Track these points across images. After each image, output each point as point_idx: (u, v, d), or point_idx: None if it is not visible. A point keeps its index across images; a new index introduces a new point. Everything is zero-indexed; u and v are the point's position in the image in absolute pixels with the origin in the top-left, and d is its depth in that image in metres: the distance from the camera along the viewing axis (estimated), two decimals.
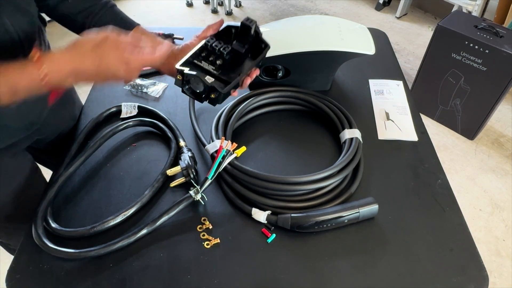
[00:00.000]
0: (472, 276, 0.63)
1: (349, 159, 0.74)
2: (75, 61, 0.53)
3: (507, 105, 2.16)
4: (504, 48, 1.62)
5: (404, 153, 0.83)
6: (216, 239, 0.66)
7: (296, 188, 0.69)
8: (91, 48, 0.53)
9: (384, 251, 0.66)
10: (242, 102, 0.86)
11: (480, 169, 1.84)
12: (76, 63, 0.53)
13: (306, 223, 0.65)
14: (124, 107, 0.88)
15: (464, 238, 0.68)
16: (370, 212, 0.68)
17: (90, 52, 0.53)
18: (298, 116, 0.90)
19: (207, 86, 0.62)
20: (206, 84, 0.62)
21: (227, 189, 0.72)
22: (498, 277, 1.46)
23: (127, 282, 0.61)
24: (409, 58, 2.48)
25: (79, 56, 0.53)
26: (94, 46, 0.53)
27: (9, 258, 0.68)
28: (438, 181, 0.77)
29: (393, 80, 1.00)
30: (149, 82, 0.97)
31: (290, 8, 2.93)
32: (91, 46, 0.53)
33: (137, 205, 0.69)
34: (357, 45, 0.84)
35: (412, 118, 0.90)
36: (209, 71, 0.64)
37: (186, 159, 0.73)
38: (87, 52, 0.53)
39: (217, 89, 0.62)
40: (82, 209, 0.71)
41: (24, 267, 0.63)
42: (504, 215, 1.66)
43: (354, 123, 0.82)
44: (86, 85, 0.67)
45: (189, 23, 2.72)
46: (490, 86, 1.75)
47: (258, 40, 0.67)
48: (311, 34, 0.85)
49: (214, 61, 0.65)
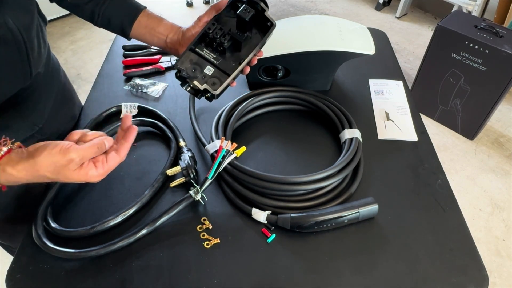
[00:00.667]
0: (472, 276, 0.63)
1: (349, 159, 0.74)
2: (31, 178, 0.51)
3: (507, 105, 2.16)
4: (504, 48, 1.62)
5: (404, 153, 0.83)
6: (216, 239, 0.66)
7: (296, 188, 0.69)
8: (51, 172, 0.50)
9: (384, 251, 0.66)
10: (242, 102, 0.86)
11: (480, 169, 1.84)
12: (32, 179, 0.51)
13: (306, 223, 0.65)
14: (124, 107, 0.88)
15: (464, 238, 0.68)
16: (370, 212, 0.68)
17: (49, 175, 0.51)
18: (298, 116, 0.90)
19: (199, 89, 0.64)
20: (198, 88, 0.64)
21: (227, 189, 0.72)
22: (498, 277, 1.46)
23: (127, 282, 0.61)
24: (409, 58, 2.48)
25: (36, 177, 0.51)
26: (54, 172, 0.50)
27: (9, 258, 0.68)
28: (438, 181, 0.77)
29: (393, 80, 1.00)
30: (149, 82, 0.97)
31: (290, 8, 2.93)
32: (51, 170, 0.50)
33: (137, 205, 0.69)
34: (357, 45, 0.84)
35: (412, 118, 0.90)
36: (209, 60, 0.66)
37: (186, 159, 0.73)
38: (46, 175, 0.50)
39: (210, 91, 0.64)
40: (82, 209, 0.71)
41: (24, 267, 0.63)
42: (504, 215, 1.66)
43: (354, 123, 0.82)
44: (86, 84, 0.67)
45: (189, 23, 2.71)
46: (490, 86, 1.75)
47: (264, 18, 0.65)
48: (311, 34, 0.85)
49: (215, 48, 0.66)
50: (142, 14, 0.73)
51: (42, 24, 0.73)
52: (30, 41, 0.64)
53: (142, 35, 0.74)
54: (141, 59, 1.02)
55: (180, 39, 0.72)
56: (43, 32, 0.72)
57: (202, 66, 0.66)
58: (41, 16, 0.73)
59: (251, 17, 0.63)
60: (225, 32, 0.65)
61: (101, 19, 0.73)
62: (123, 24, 0.73)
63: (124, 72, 0.99)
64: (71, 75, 2.22)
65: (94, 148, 0.53)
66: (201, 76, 0.65)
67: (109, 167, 0.54)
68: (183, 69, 0.65)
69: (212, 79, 0.65)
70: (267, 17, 0.65)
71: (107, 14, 0.72)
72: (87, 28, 2.62)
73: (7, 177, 0.50)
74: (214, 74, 0.65)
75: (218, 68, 0.66)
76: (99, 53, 2.43)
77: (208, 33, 0.65)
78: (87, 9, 0.72)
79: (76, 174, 0.51)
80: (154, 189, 0.71)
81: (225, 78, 0.65)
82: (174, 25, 0.73)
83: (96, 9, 0.72)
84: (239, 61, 0.66)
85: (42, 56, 0.72)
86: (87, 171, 0.52)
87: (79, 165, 0.52)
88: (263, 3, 0.64)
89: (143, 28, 0.73)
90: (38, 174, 0.50)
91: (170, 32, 0.73)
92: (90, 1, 0.71)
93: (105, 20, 0.73)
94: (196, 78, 0.65)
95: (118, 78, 0.99)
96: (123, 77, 0.99)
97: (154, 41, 0.74)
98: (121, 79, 0.98)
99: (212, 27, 0.65)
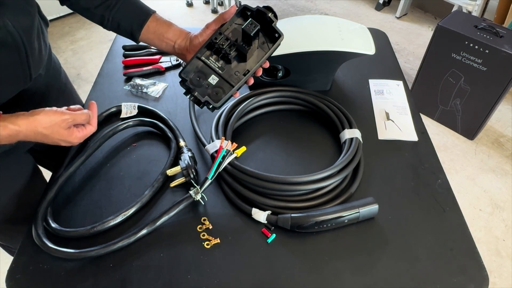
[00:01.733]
0: (472, 276, 0.63)
1: (349, 159, 0.74)
2: (28, 133, 0.59)
3: (507, 105, 2.16)
4: (504, 48, 1.62)
5: (404, 153, 0.83)
6: (216, 239, 0.66)
7: (296, 188, 0.69)
8: (46, 128, 0.60)
9: (384, 251, 0.66)
10: (242, 102, 0.86)
11: (480, 169, 1.84)
12: (28, 134, 0.60)
13: (306, 223, 0.65)
14: (124, 107, 0.88)
15: (464, 238, 0.68)
16: (370, 212, 0.68)
17: (44, 131, 0.60)
18: (298, 116, 0.90)
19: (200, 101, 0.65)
20: (199, 100, 0.65)
21: (227, 189, 0.72)
22: (498, 277, 1.46)
23: (127, 282, 0.61)
24: (409, 58, 2.48)
25: (33, 132, 0.60)
26: (48, 128, 0.60)
27: (9, 258, 0.68)
28: (438, 181, 0.77)
29: (393, 80, 1.00)
30: (149, 82, 0.97)
31: (290, 8, 2.93)
32: (46, 127, 0.60)
33: (137, 205, 0.69)
34: (357, 45, 0.84)
35: (412, 118, 0.90)
36: (214, 69, 0.66)
37: (186, 159, 0.73)
38: (42, 131, 0.60)
39: (211, 103, 0.65)
40: (82, 209, 0.71)
41: (24, 267, 0.63)
42: (504, 215, 1.66)
43: (354, 123, 0.82)
44: (86, 84, 0.68)
45: (189, 23, 2.72)
46: (490, 86, 1.74)
47: (271, 29, 0.66)
48: (311, 34, 0.85)
49: (221, 57, 0.66)
50: (151, 19, 0.73)
51: (43, 26, 0.73)
52: (30, 44, 0.64)
53: (151, 40, 0.74)
54: (141, 59, 1.02)
55: (187, 45, 0.72)
56: (43, 34, 0.72)
57: (207, 75, 0.66)
58: (43, 18, 0.73)
59: (256, 32, 0.64)
60: (231, 43, 0.65)
61: (110, 23, 0.73)
62: (132, 29, 0.73)
63: (124, 72, 0.99)
64: (71, 75, 2.22)
65: (84, 115, 0.65)
66: (205, 85, 0.65)
67: (87, 132, 0.67)
68: (187, 79, 0.65)
69: (215, 89, 0.65)
70: (275, 28, 0.65)
71: (116, 18, 0.72)
72: (87, 28, 2.62)
73: (7, 131, 0.57)
74: (218, 84, 0.66)
75: (223, 78, 0.66)
76: (99, 53, 2.43)
77: (214, 42, 0.65)
78: (97, 13, 0.72)
79: (65, 132, 0.62)
80: (154, 189, 0.71)
81: (229, 88, 0.65)
82: (183, 31, 0.73)
83: (106, 13, 0.72)
84: (244, 72, 0.66)
85: (42, 58, 0.72)
86: (73, 132, 0.64)
87: (69, 126, 0.63)
88: (272, 14, 0.64)
89: (151, 34, 0.73)
90: (36, 130, 0.59)
91: (178, 38, 0.73)
92: (100, 5, 0.71)
93: (114, 24, 0.73)
94: (200, 87, 0.65)
95: (118, 78, 0.99)
96: (123, 77, 0.99)
97: (162, 46, 0.74)
98: (121, 79, 0.98)
99: (218, 36, 0.65)
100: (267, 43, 0.67)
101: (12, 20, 0.58)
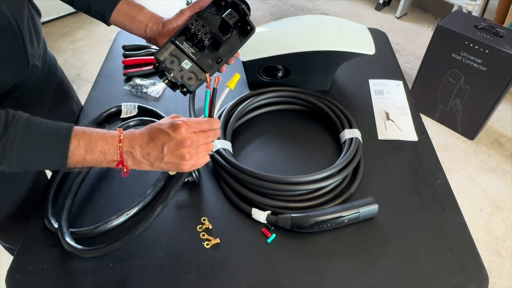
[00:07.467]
0: (472, 276, 0.63)
1: (349, 159, 0.74)
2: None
3: (507, 105, 2.16)
4: (504, 48, 1.62)
5: (404, 153, 0.83)
6: (216, 239, 0.66)
7: (296, 188, 0.69)
8: (159, 160, 0.57)
9: (384, 251, 0.66)
10: (242, 102, 0.86)
11: (480, 169, 1.84)
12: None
13: (306, 223, 0.65)
14: (124, 107, 0.88)
15: (464, 238, 0.68)
16: (370, 212, 0.68)
17: (158, 163, 0.58)
18: (298, 116, 0.90)
19: (176, 83, 0.66)
20: (175, 82, 0.66)
21: (227, 189, 0.72)
22: (498, 277, 1.46)
23: (127, 282, 0.61)
24: (409, 58, 2.48)
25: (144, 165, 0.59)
26: (159, 159, 0.57)
27: (9, 258, 0.68)
28: (438, 181, 0.77)
29: (393, 80, 1.00)
30: (149, 82, 0.97)
31: (290, 8, 2.93)
32: (159, 158, 0.57)
33: (140, 205, 0.69)
34: (357, 45, 0.84)
35: (412, 118, 0.90)
36: (188, 54, 0.67)
37: None
38: (155, 162, 0.58)
39: (186, 87, 0.66)
40: (82, 209, 0.70)
41: (24, 267, 0.63)
42: (504, 215, 1.66)
43: (354, 123, 0.82)
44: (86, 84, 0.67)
45: None
46: (490, 86, 1.74)
47: (245, 22, 0.68)
48: (311, 34, 0.85)
49: (195, 44, 0.67)
50: (122, 1, 0.72)
51: (34, 13, 0.71)
52: (24, 28, 0.63)
53: (121, 23, 0.73)
54: (141, 59, 1.02)
55: (160, 29, 0.72)
56: (34, 21, 0.70)
57: (180, 59, 0.67)
58: (33, 7, 0.72)
59: (235, 22, 0.66)
60: (207, 30, 0.66)
61: (81, 3, 0.72)
62: (103, 10, 0.72)
63: (124, 72, 0.99)
64: (71, 75, 2.21)
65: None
66: (177, 69, 0.66)
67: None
68: (162, 61, 0.66)
69: (188, 74, 0.67)
70: (248, 21, 0.67)
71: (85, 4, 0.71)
72: (87, 28, 2.62)
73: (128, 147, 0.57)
74: (191, 69, 0.67)
75: (196, 63, 0.67)
76: (99, 53, 2.43)
77: (190, 28, 0.66)
78: None
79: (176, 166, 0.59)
80: (156, 188, 0.71)
81: (201, 74, 0.67)
82: (155, 15, 0.73)
83: None
84: (217, 59, 0.68)
85: (37, 46, 0.70)
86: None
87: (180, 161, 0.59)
88: (245, 6, 0.66)
89: (123, 16, 0.72)
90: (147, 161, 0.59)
91: (150, 22, 0.72)
92: None
93: (85, 4, 0.72)
94: (173, 70, 0.66)
95: (118, 78, 0.99)
96: (123, 77, 0.99)
97: (133, 29, 0.74)
98: (121, 79, 0.98)
99: (194, 22, 0.66)
100: (238, 35, 0.69)
101: (6, 2, 0.57)
